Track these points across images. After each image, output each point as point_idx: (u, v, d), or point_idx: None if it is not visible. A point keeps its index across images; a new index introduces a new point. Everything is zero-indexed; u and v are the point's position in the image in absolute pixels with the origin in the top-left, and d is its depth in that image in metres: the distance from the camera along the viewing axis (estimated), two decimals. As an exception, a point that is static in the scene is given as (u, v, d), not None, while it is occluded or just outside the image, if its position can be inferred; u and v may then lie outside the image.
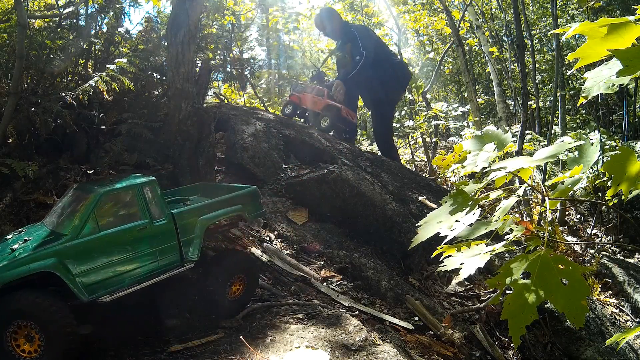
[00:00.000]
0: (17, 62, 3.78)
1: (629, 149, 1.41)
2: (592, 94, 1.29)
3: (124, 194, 2.61)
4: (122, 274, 2.50)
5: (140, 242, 2.58)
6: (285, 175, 4.60)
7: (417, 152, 9.41)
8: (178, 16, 3.99)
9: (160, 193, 2.73)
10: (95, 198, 2.48)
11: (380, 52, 5.94)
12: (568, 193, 1.59)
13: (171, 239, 2.70)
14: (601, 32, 1.22)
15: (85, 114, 4.42)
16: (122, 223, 2.54)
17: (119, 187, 2.61)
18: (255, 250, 3.59)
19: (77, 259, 2.36)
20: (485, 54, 10.09)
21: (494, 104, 10.50)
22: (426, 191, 5.09)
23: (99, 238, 2.43)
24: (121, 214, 2.58)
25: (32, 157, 4.02)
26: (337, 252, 3.80)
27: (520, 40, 5.43)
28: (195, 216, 2.81)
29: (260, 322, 2.75)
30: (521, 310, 1.34)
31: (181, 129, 4.06)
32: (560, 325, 3.60)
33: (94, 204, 2.46)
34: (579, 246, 5.55)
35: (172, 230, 2.70)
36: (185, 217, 2.77)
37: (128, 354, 2.51)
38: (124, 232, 2.52)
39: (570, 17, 10.56)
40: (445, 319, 3.30)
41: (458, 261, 1.58)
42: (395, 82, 6.14)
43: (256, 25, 9.98)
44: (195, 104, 4.08)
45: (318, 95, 5.95)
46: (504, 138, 1.78)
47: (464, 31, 12.14)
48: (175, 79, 4.01)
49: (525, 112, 5.38)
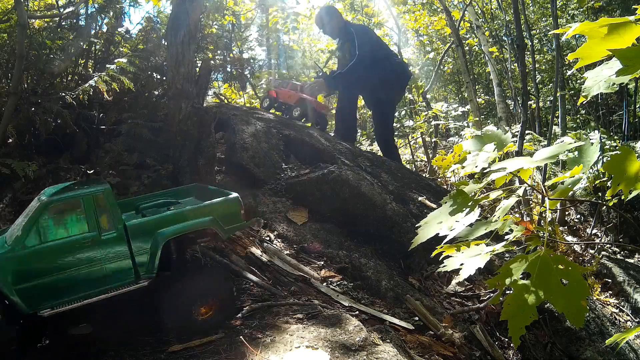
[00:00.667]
0: (17, 62, 3.79)
1: (629, 149, 1.41)
2: (592, 93, 1.29)
3: (71, 204, 2.44)
4: (66, 288, 2.36)
5: (86, 255, 2.42)
6: (285, 175, 4.60)
7: (417, 152, 9.41)
8: (178, 16, 3.99)
9: (113, 202, 2.53)
10: (40, 208, 2.37)
11: (380, 52, 5.93)
12: (568, 193, 1.59)
13: (122, 253, 2.51)
14: (601, 32, 1.22)
15: (85, 114, 4.43)
16: (68, 235, 2.40)
17: (65, 197, 2.45)
18: (255, 250, 3.58)
19: (17, 271, 2.27)
20: (485, 54, 10.08)
21: (494, 104, 10.50)
22: (426, 191, 5.08)
23: (41, 250, 2.32)
24: (68, 225, 2.43)
25: (32, 157, 4.02)
26: (337, 252, 3.80)
27: (520, 40, 5.43)
28: (153, 229, 2.58)
29: (260, 322, 2.75)
30: (521, 310, 1.34)
31: (181, 129, 4.06)
32: (560, 325, 3.59)
33: (39, 214, 2.35)
34: (579, 246, 5.54)
35: (124, 244, 2.51)
36: (140, 230, 2.56)
37: (128, 354, 2.51)
38: (68, 244, 2.39)
39: (570, 17, 10.55)
40: (445, 319, 3.30)
41: (458, 261, 1.58)
42: (396, 82, 6.13)
43: (256, 25, 9.99)
44: (195, 104, 4.08)
45: (292, 89, 6.68)
46: (504, 138, 1.78)
47: (464, 31, 12.14)
48: (175, 79, 4.01)
49: (525, 112, 5.38)
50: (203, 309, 2.69)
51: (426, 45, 13.08)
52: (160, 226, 2.60)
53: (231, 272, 3.32)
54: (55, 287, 2.35)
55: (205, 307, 2.69)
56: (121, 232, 2.52)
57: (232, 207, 2.83)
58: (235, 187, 4.40)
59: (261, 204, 4.21)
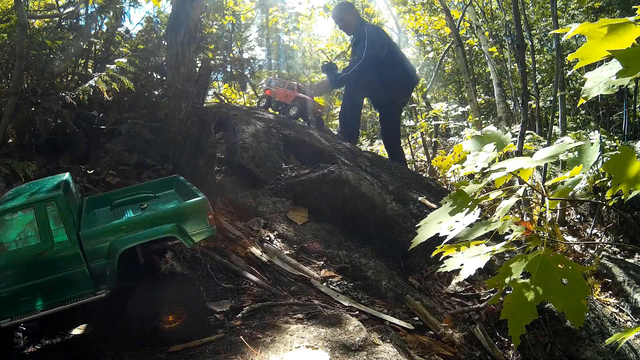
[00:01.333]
0: (17, 62, 3.79)
1: (629, 149, 1.41)
2: (592, 94, 1.29)
3: (22, 212, 2.31)
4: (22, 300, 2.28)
5: (38, 266, 2.31)
6: (285, 175, 4.60)
7: (417, 152, 9.41)
8: (178, 16, 3.99)
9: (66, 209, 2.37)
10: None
11: (393, 57, 5.92)
12: (568, 193, 1.59)
13: (77, 264, 2.37)
14: (601, 32, 1.22)
15: (85, 114, 4.43)
16: (17, 245, 2.29)
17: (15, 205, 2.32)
18: (255, 250, 3.59)
19: None
20: (485, 54, 10.08)
21: (494, 104, 10.50)
22: (426, 191, 5.09)
23: None
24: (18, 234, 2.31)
25: (32, 157, 4.02)
26: (337, 252, 3.80)
27: (520, 40, 5.43)
28: (109, 237, 2.42)
29: (260, 322, 2.75)
30: (521, 309, 1.34)
31: (181, 129, 4.06)
32: (560, 325, 3.60)
33: None
34: (579, 246, 5.55)
35: (78, 254, 2.37)
36: (93, 239, 2.41)
37: (128, 354, 2.51)
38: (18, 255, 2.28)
39: (571, 17, 10.55)
40: (445, 319, 3.30)
41: (458, 261, 1.58)
42: (405, 87, 6.19)
43: (256, 25, 10.00)
44: (195, 104, 4.08)
45: (289, 89, 6.69)
46: (504, 138, 1.78)
47: (464, 31, 12.14)
48: (175, 79, 4.01)
49: (525, 112, 5.38)
50: (170, 318, 2.53)
51: (426, 45, 13.08)
52: (116, 234, 2.41)
53: (231, 272, 3.32)
54: (10, 299, 2.26)
55: (172, 317, 2.54)
56: (75, 241, 2.37)
57: (198, 211, 2.55)
58: (235, 187, 4.41)
59: (261, 204, 4.21)
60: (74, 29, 4.82)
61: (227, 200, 4.30)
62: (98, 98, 4.51)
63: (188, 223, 2.52)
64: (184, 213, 2.52)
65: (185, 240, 2.51)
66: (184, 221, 2.52)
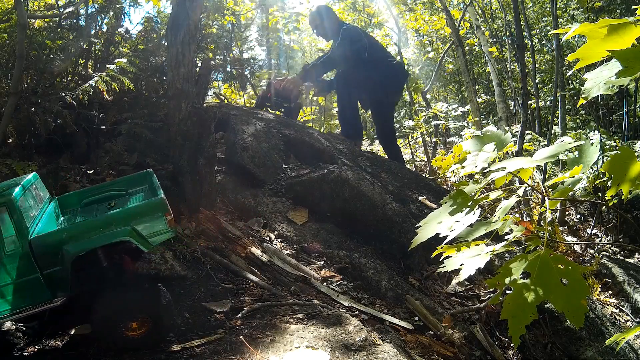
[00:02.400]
0: (17, 62, 3.79)
1: (629, 149, 1.41)
2: (592, 95, 1.29)
3: None
4: None
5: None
6: (285, 175, 4.60)
7: (417, 152, 9.41)
8: (178, 16, 3.99)
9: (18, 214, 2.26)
10: None
11: (375, 54, 5.92)
12: (568, 193, 1.60)
13: (30, 271, 2.28)
14: (601, 32, 1.22)
15: (85, 114, 4.43)
16: None
17: None
18: (255, 250, 3.59)
19: None
20: (485, 54, 10.08)
21: (494, 104, 10.50)
22: (426, 191, 5.09)
23: None
24: None
25: (32, 157, 4.02)
26: (337, 252, 3.80)
27: (520, 40, 5.43)
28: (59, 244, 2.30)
29: (260, 322, 2.75)
30: (521, 309, 1.34)
31: (181, 129, 4.06)
32: (560, 325, 3.59)
33: None
34: (579, 246, 5.54)
35: (30, 261, 2.28)
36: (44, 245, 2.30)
37: (128, 354, 2.51)
38: None
39: (570, 17, 10.55)
40: (445, 319, 3.30)
41: (458, 262, 1.58)
42: (392, 83, 6.14)
43: (256, 25, 9.98)
44: (195, 104, 4.07)
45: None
46: (504, 138, 1.78)
47: (464, 31, 12.13)
48: (175, 79, 4.01)
49: (525, 112, 5.38)
50: (134, 325, 2.46)
51: (426, 45, 13.08)
52: (68, 240, 2.30)
53: (231, 272, 3.32)
54: None
55: (136, 325, 2.46)
56: (26, 248, 2.27)
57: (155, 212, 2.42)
58: (235, 187, 4.42)
59: (261, 204, 4.22)
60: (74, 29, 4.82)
61: (227, 200, 4.31)
62: (98, 98, 4.51)
63: (145, 225, 2.39)
64: (139, 214, 2.39)
65: (142, 244, 2.37)
66: (140, 223, 2.38)
